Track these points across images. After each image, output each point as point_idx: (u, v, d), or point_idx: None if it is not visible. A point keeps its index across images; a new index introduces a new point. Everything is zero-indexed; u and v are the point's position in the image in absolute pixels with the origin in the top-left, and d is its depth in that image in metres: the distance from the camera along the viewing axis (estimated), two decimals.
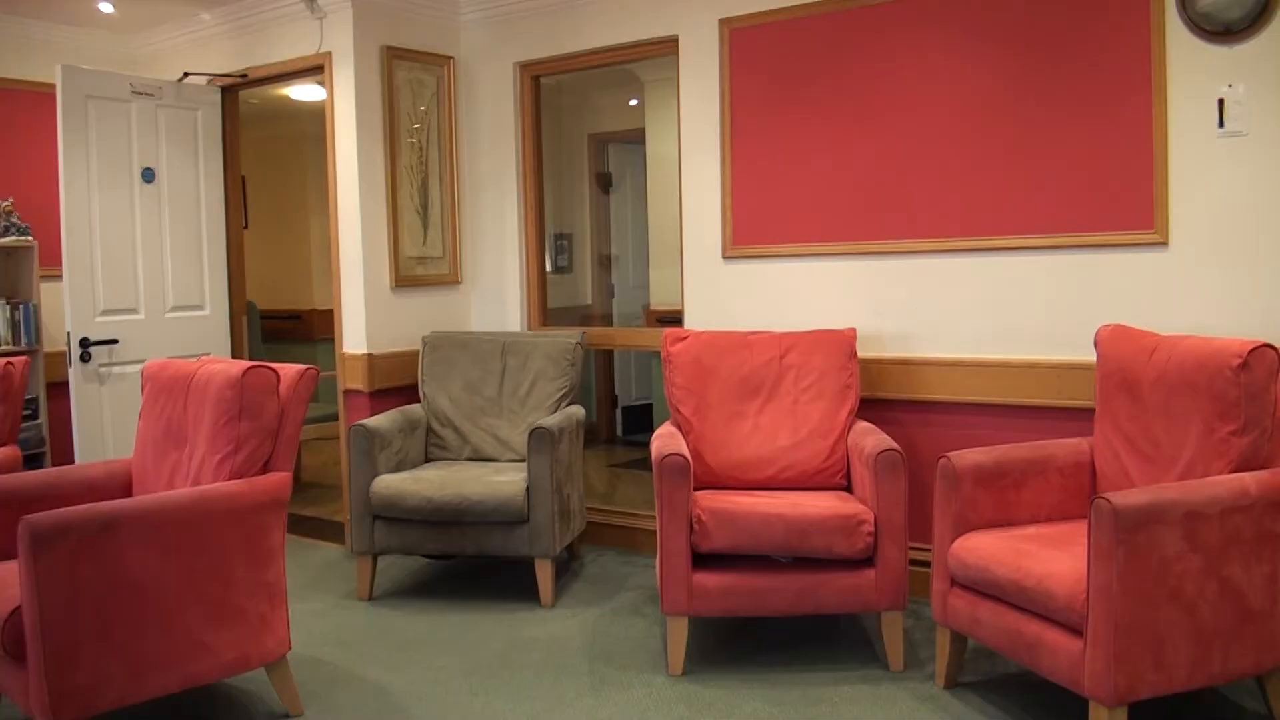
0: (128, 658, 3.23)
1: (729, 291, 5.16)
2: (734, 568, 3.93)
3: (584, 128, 8.62)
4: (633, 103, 8.17)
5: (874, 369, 4.73)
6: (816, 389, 4.53)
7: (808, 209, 4.90)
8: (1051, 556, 3.32)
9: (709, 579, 3.91)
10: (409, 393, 5.64)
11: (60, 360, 5.91)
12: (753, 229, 5.06)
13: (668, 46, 5.33)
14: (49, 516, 3.13)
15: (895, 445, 3.94)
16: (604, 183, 8.78)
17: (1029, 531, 3.62)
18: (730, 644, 4.25)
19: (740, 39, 5.04)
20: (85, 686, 3.15)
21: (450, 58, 5.97)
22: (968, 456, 3.73)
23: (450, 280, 6.02)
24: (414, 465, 5.20)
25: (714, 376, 4.60)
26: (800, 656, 4.09)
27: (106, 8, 6.03)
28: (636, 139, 8.13)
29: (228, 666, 3.49)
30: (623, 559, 5.45)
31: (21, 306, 6.03)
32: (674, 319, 5.63)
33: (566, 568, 5.29)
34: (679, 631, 3.95)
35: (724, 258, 5.15)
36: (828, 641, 4.24)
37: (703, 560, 3.94)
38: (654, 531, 5.20)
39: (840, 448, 4.43)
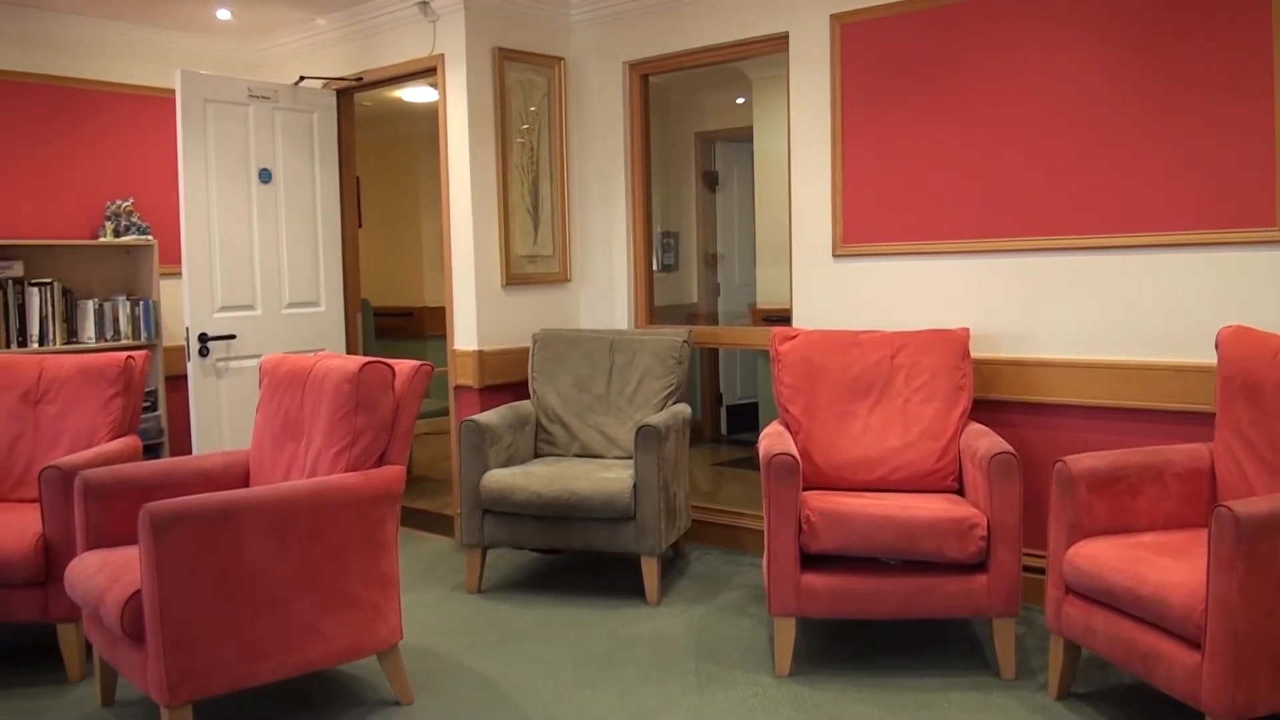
0: (243, 642, 3.32)
1: (838, 290, 5.12)
2: (843, 569, 3.90)
3: (691, 126, 8.62)
4: (740, 101, 8.15)
5: (987, 369, 4.65)
6: (928, 389, 4.48)
7: (919, 206, 4.84)
8: (1168, 565, 3.23)
9: (817, 580, 3.88)
10: (518, 389, 5.71)
11: (178, 354, 6.11)
12: (863, 227, 5.02)
13: (777, 44, 5.31)
14: (169, 504, 3.23)
15: (1009, 448, 3.87)
16: (710, 181, 8.77)
17: (1145, 539, 3.53)
18: (837, 646, 4.22)
19: (851, 35, 4.99)
20: (201, 669, 3.25)
21: (560, 58, 6.03)
22: (1083, 461, 3.64)
23: (559, 278, 6.08)
24: (523, 461, 5.26)
25: (823, 376, 4.57)
26: (909, 661, 4.04)
27: (224, 14, 6.21)
28: (744, 137, 8.11)
29: (341, 654, 3.57)
30: (727, 558, 5.44)
31: (142, 303, 6.24)
32: (780, 318, 5.60)
33: (672, 565, 5.30)
34: (786, 632, 3.93)
35: (834, 256, 5.11)
36: (937, 647, 4.18)
37: (811, 561, 3.91)
38: (759, 531, 5.18)
39: (952, 450, 4.36)
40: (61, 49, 6.20)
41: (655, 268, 6.40)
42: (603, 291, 6.10)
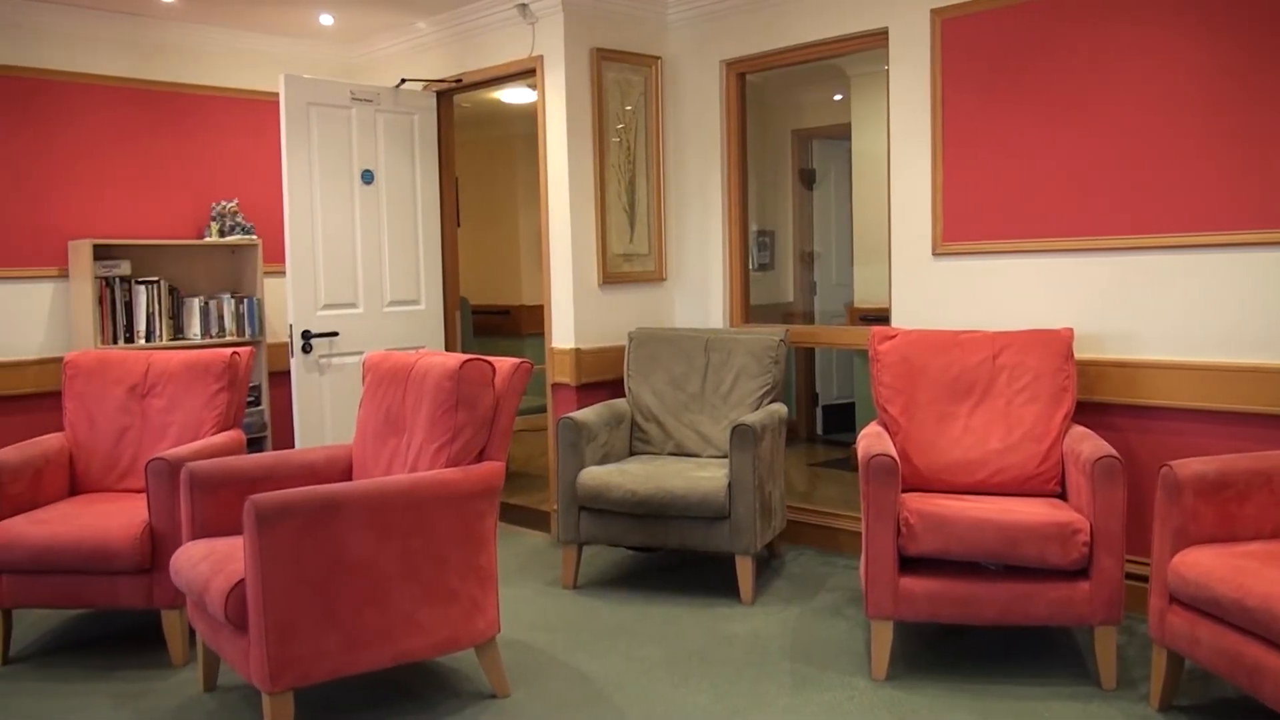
0: (344, 632, 3.38)
1: (939, 289, 5.05)
2: (941, 573, 3.84)
3: (788, 124, 8.57)
4: (837, 98, 8.09)
5: (1091, 371, 4.55)
6: (1031, 391, 4.39)
7: (1022, 204, 4.76)
8: (1276, 576, 3.12)
9: (915, 584, 3.83)
10: (614, 387, 5.74)
11: (281, 351, 6.25)
12: (964, 225, 4.94)
13: (876, 39, 5.25)
14: (274, 496, 3.30)
15: (1114, 452, 3.77)
16: (807, 179, 8.71)
17: (1253, 548, 3.41)
18: (935, 650, 4.16)
19: (952, 30, 4.92)
20: (302, 657, 3.32)
21: (658, 58, 6.04)
22: (1190, 466, 3.53)
23: (655, 277, 6.09)
24: (619, 458, 5.28)
25: (923, 376, 4.51)
26: (1008, 668, 3.96)
27: (327, 20, 6.33)
28: (841, 135, 8.04)
29: (439, 645, 3.61)
30: (823, 559, 5.40)
31: (246, 301, 6.39)
32: (878, 317, 5.54)
33: (767, 565, 5.28)
34: (883, 635, 3.88)
35: (934, 254, 5.05)
36: (1037, 654, 4.10)
37: (909, 564, 3.86)
38: (855, 532, 5.15)
39: (1055, 453, 4.27)
40: (169, 55, 6.40)
41: (751, 266, 6.37)
42: (698, 290, 6.09)
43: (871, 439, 4.18)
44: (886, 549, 3.83)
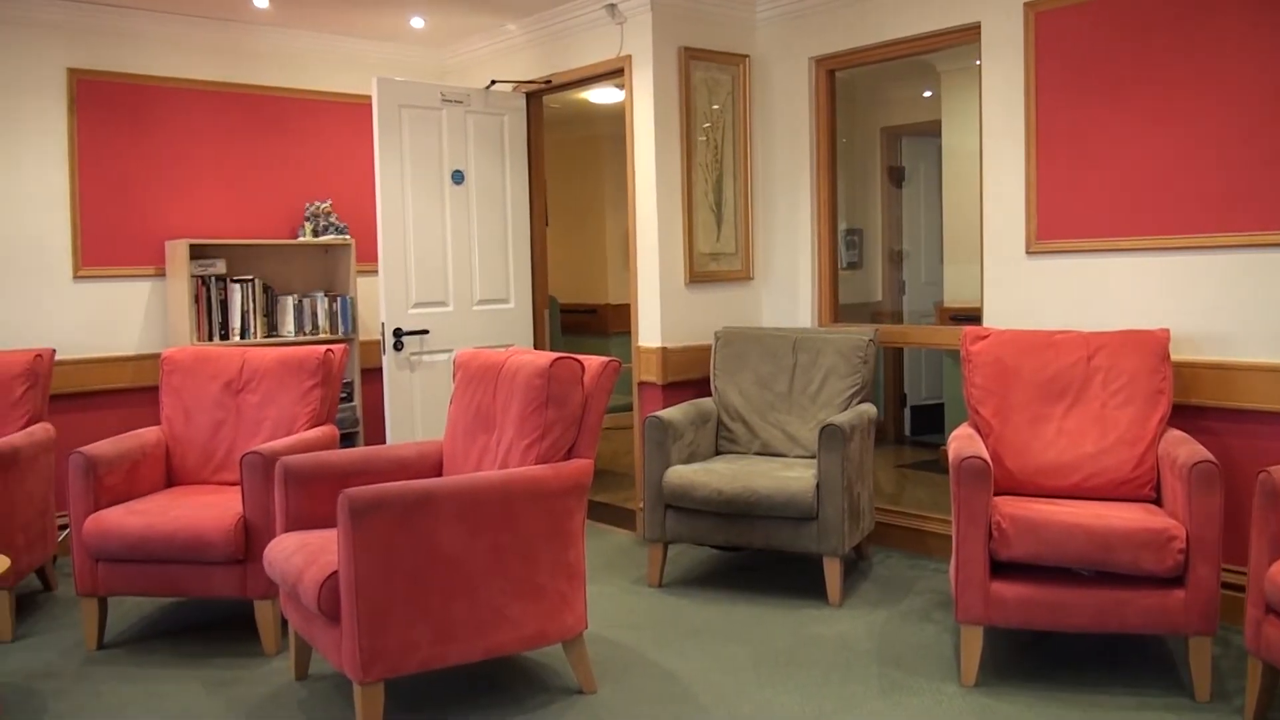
0: (435, 624, 3.43)
1: (1032, 288, 4.96)
2: (1033, 578, 3.76)
3: (877, 121, 8.49)
4: (927, 94, 7.99)
5: (1187, 373, 4.44)
6: (1126, 393, 4.29)
7: (1118, 202, 4.66)
8: None
9: (1006, 589, 3.76)
10: (700, 386, 5.73)
11: (373, 348, 6.36)
12: (1058, 223, 4.85)
13: (968, 34, 5.18)
14: (368, 490, 3.36)
15: (1211, 457, 3.67)
16: (896, 177, 8.63)
17: None
18: (1025, 657, 4.08)
19: (1046, 23, 4.83)
20: (393, 648, 3.37)
21: (746, 56, 6.02)
22: None
23: (742, 276, 6.07)
24: (705, 458, 5.27)
25: (1016, 377, 4.44)
26: (1099, 677, 3.88)
27: (418, 23, 6.41)
28: (931, 132, 7.95)
29: (527, 640, 3.65)
30: (911, 562, 5.34)
31: (339, 299, 6.50)
32: (969, 317, 5.47)
33: (854, 567, 5.23)
34: (973, 641, 3.82)
35: (1027, 253, 4.96)
36: (1129, 663, 4.01)
37: (1000, 569, 3.80)
38: (945, 535, 5.09)
39: (1150, 457, 4.17)
40: (265, 60, 6.54)
41: (839, 265, 6.32)
42: (786, 289, 6.06)
43: (963, 441, 4.13)
44: (977, 553, 3.77)
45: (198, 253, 6.07)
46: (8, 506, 4.56)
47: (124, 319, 6.14)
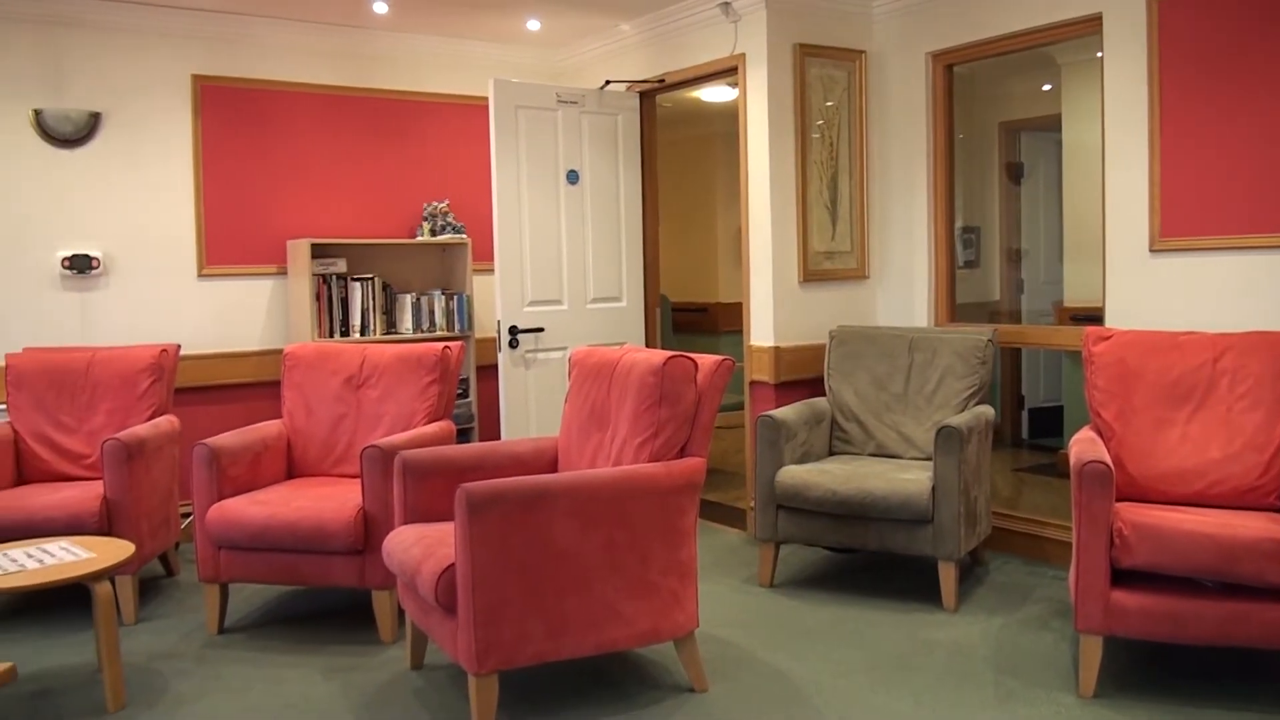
0: (548, 618, 3.46)
1: (1156, 288, 4.81)
2: (1155, 588, 3.64)
3: (994, 116, 8.32)
4: (1046, 88, 7.81)
5: None
6: (1253, 397, 4.14)
7: (1246, 197, 4.49)
8: None
9: (1128, 598, 3.64)
10: (813, 385, 5.68)
11: (489, 345, 6.45)
12: (1184, 220, 4.70)
13: (1090, 25, 5.04)
14: (485, 485, 3.41)
15: None
16: (1014, 173, 8.45)
17: None
18: (1145, 669, 3.96)
19: (1170, 12, 4.68)
20: (508, 641, 3.41)
21: (861, 52, 5.96)
22: None
23: (857, 275, 6.01)
24: (818, 458, 5.23)
25: (1139, 380, 4.31)
26: (1223, 692, 3.74)
27: (534, 25, 6.48)
28: (1050, 126, 7.77)
29: (639, 637, 3.66)
30: (1028, 568, 5.22)
31: (456, 297, 6.61)
32: (1089, 317, 5.33)
33: (970, 572, 5.13)
34: (1092, 651, 3.72)
35: (1151, 251, 4.82)
36: (1254, 679, 3.85)
37: (1122, 577, 3.68)
38: (1063, 541, 4.98)
39: (1277, 464, 4.02)
40: (384, 64, 6.69)
41: (956, 264, 6.22)
42: (901, 288, 5.98)
43: (1084, 445, 4.02)
44: (1098, 561, 3.67)
45: (319, 252, 6.22)
46: (133, 495, 4.72)
47: (247, 316, 6.32)
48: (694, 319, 9.76)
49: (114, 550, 3.92)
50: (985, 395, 5.25)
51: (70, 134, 5.82)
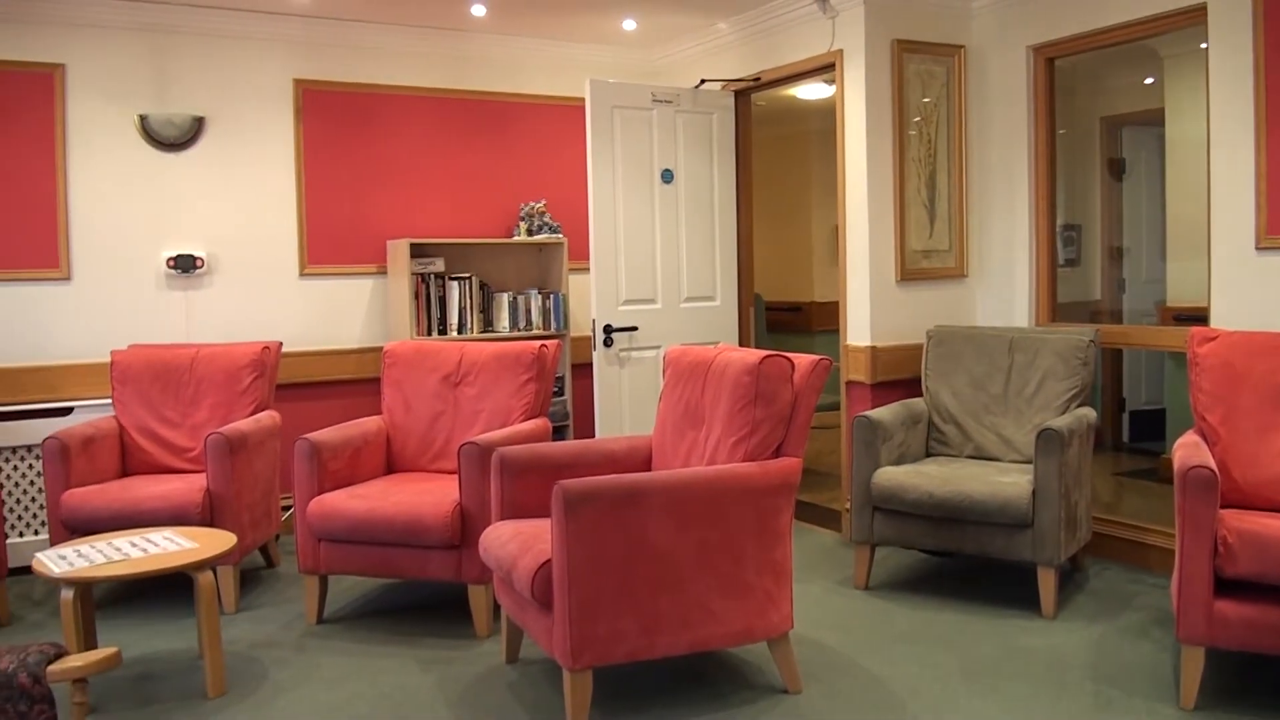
0: (643, 616, 3.47)
1: (1263, 286, 4.66)
2: (1260, 598, 3.51)
3: (1095, 110, 8.15)
4: (1148, 81, 7.63)
5: None
6: None
7: None
8: None
9: (1231, 608, 3.53)
10: (910, 386, 5.62)
11: (583, 344, 6.50)
12: None
13: (1194, 16, 4.90)
14: (581, 483, 3.43)
15: None
16: (1116, 169, 8.27)
17: None
18: (1249, 682, 3.83)
19: (1277, 2, 4.54)
20: (603, 637, 3.43)
21: (961, 46, 5.87)
22: None
23: (956, 273, 5.93)
24: (914, 459, 5.17)
25: (1245, 382, 4.18)
26: None
27: (630, 25, 6.50)
28: (1153, 120, 7.58)
29: (733, 637, 3.66)
30: (1129, 575, 5.11)
31: (552, 296, 6.66)
32: (1192, 317, 5.20)
33: (1069, 578, 5.03)
34: (1194, 662, 3.61)
35: (1257, 249, 4.68)
36: None
37: (1226, 587, 3.57)
38: (1164, 549, 4.87)
39: None
40: (482, 66, 6.78)
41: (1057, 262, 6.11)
42: (1001, 287, 5.89)
43: (1189, 449, 3.91)
44: (1201, 569, 3.56)
45: (418, 251, 6.31)
46: (235, 488, 4.85)
47: (347, 314, 6.44)
48: (788, 318, 9.72)
49: (216, 541, 4.04)
50: (1086, 397, 5.15)
51: (174, 138, 5.98)
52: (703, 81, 6.46)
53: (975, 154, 5.95)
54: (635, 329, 6.11)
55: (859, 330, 5.73)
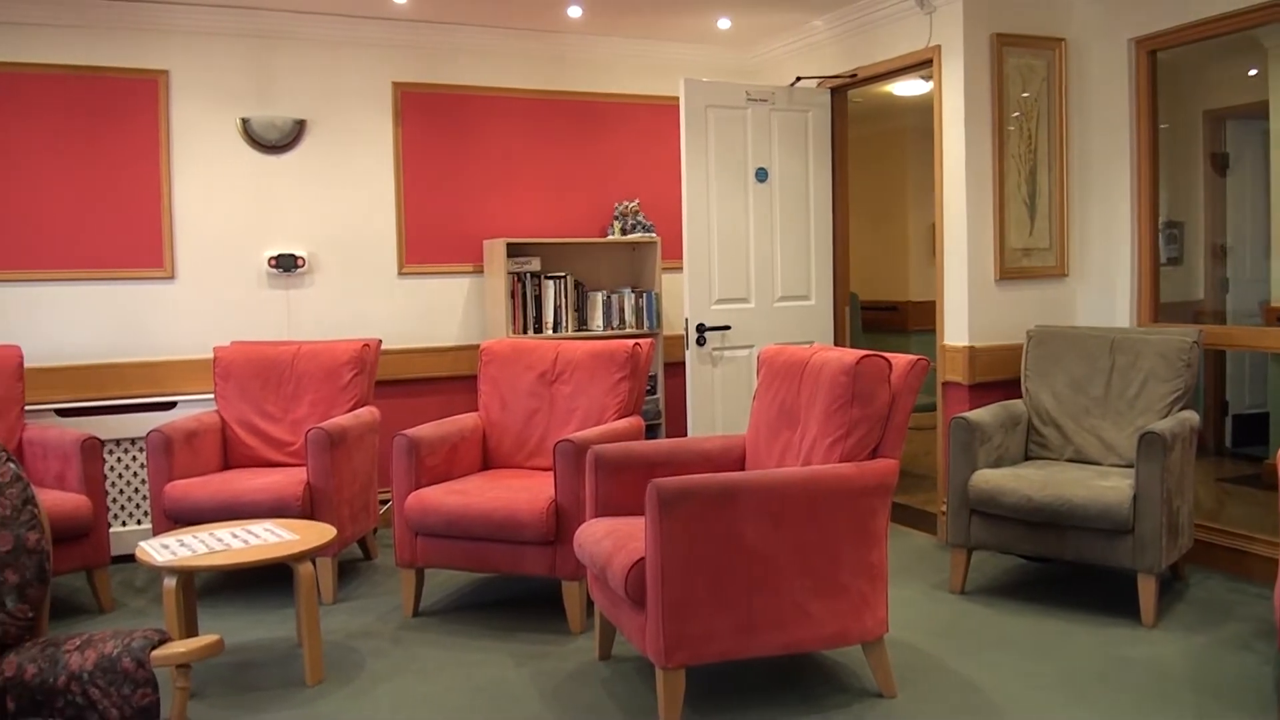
0: (737, 616, 3.47)
1: None
2: None
3: (1197, 104, 7.94)
4: (1252, 73, 7.41)
5: None
6: None
7: None
8: None
9: None
10: (1009, 387, 5.53)
11: (676, 343, 6.51)
12: None
13: None
14: (676, 482, 3.44)
15: None
16: (1219, 164, 8.05)
17: None
18: None
19: None
20: (696, 636, 3.43)
21: (1061, 39, 5.77)
22: None
23: (1056, 272, 5.82)
24: (1013, 462, 5.09)
25: None
26: None
27: (724, 24, 6.49)
28: (1257, 114, 7.36)
29: (827, 639, 3.64)
30: (1231, 585, 4.95)
31: (645, 295, 6.68)
32: None
33: (1170, 587, 4.90)
34: None
35: None
36: None
37: None
38: (1268, 558, 4.74)
39: None
40: (576, 67, 6.84)
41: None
42: (1102, 286, 5.77)
43: None
44: None
45: (514, 251, 6.37)
46: (335, 481, 4.94)
47: (444, 313, 6.54)
48: (883, 317, 9.61)
49: (316, 533, 4.12)
50: (1190, 400, 5.03)
51: (276, 140, 6.11)
52: (798, 79, 6.42)
53: (1076, 150, 5.84)
54: (728, 328, 6.11)
55: (957, 330, 5.66)
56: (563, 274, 6.50)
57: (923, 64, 5.85)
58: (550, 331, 6.45)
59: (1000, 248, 5.63)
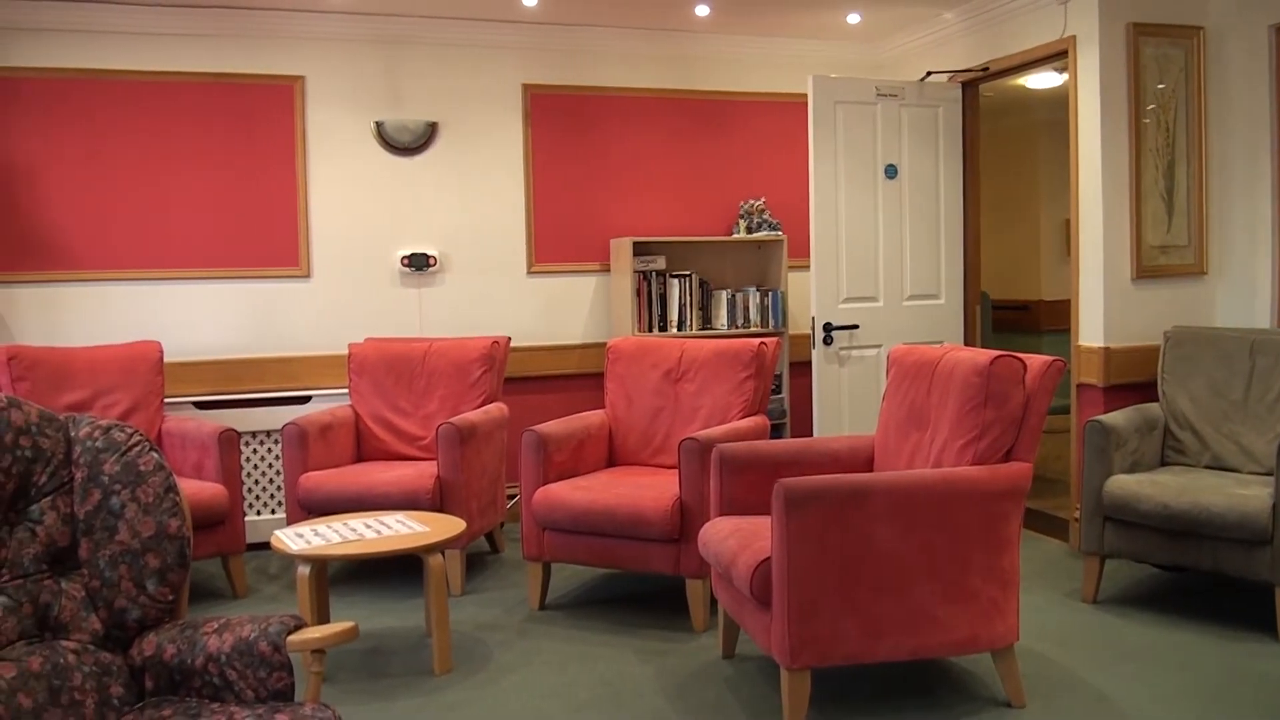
0: (864, 619, 3.44)
1: None
2: None
3: None
4: None
5: None
6: None
7: None
8: None
9: None
10: (1144, 390, 5.36)
11: (801, 342, 6.46)
12: None
13: None
14: (803, 482, 3.42)
15: None
16: None
17: None
18: None
19: None
20: (823, 638, 3.41)
21: (1199, 28, 5.56)
22: None
23: (1195, 271, 5.63)
24: (1148, 468, 4.93)
25: None
26: None
27: (854, 18, 6.42)
28: None
29: (955, 645, 3.58)
30: None
31: (771, 293, 6.65)
32: None
33: None
34: None
35: None
36: None
37: None
38: None
39: None
40: (705, 65, 6.84)
41: None
42: (1243, 286, 5.56)
43: None
44: None
45: (640, 249, 6.41)
46: (464, 475, 5.03)
47: (571, 311, 6.62)
48: (1014, 317, 9.40)
49: (446, 525, 4.21)
50: None
51: (408, 142, 6.25)
52: (929, 74, 6.33)
53: (1215, 143, 5.63)
54: (856, 327, 6.05)
55: (1091, 330, 5.51)
56: (688, 272, 6.51)
57: (1056, 55, 5.70)
58: (675, 330, 6.47)
59: (1137, 245, 5.46)
